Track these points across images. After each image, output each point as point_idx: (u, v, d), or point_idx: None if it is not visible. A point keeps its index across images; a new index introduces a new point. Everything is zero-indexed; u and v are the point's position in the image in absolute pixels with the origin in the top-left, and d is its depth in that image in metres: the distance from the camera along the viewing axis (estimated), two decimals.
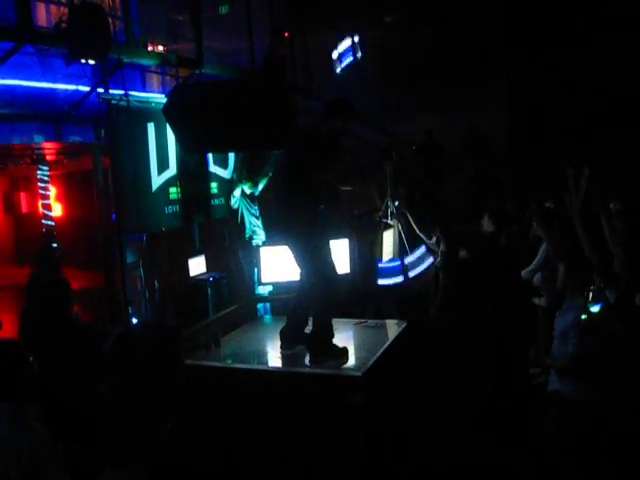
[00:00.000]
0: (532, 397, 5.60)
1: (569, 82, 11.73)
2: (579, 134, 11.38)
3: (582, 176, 5.37)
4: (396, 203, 7.84)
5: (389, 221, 7.84)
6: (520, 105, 12.79)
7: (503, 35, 12.69)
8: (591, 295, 4.87)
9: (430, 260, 7.49)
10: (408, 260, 7.49)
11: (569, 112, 11.66)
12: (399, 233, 7.87)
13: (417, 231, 7.79)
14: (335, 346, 5.26)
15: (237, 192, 7.74)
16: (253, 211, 7.80)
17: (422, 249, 7.54)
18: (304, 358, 5.30)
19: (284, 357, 5.46)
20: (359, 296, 6.96)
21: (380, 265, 7.42)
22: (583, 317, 4.79)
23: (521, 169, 11.92)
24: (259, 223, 7.83)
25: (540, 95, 12.06)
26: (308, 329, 5.54)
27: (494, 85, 12.95)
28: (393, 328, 6.13)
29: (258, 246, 7.29)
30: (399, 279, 7.35)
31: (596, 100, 11.45)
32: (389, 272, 7.41)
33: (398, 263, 7.46)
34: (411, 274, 7.41)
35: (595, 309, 4.80)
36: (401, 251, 8.13)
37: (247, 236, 7.73)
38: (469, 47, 12.44)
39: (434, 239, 7.72)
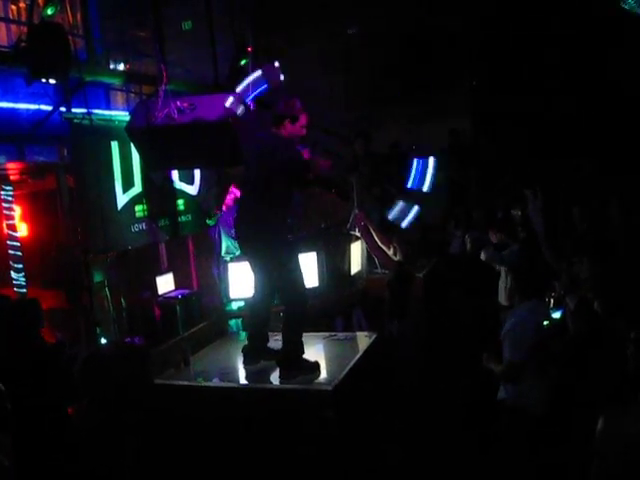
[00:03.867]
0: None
1: (531, 90, 11.88)
2: (542, 144, 11.53)
3: (537, 197, 5.47)
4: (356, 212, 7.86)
5: (357, 233, 7.86)
6: (484, 114, 12.92)
7: (467, 46, 12.81)
8: (552, 301, 4.96)
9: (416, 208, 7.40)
10: (392, 216, 7.41)
11: (532, 121, 11.80)
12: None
13: (378, 242, 7.82)
14: (306, 361, 5.26)
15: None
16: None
17: (400, 203, 7.43)
18: (275, 374, 5.29)
19: (254, 373, 5.45)
20: (328, 309, 6.96)
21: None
22: (545, 323, 4.87)
23: (486, 177, 12.04)
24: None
25: (504, 104, 12.18)
26: (272, 343, 5.56)
27: (458, 94, 13.06)
28: (363, 340, 6.14)
29: (226, 262, 7.26)
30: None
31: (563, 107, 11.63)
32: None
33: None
34: (404, 225, 7.33)
35: (556, 315, 4.89)
36: (369, 262, 8.17)
37: (224, 252, 7.70)
38: (434, 57, 12.53)
39: (392, 250, 7.76)
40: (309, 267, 6.65)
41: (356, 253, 7.84)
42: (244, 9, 10.59)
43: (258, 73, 5.75)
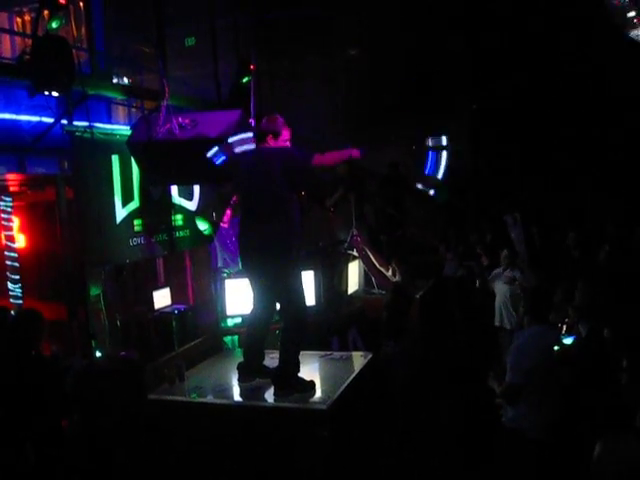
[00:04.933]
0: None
1: (532, 115, 11.97)
2: (541, 167, 11.60)
3: (517, 222, 5.51)
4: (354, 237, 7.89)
5: (354, 252, 7.88)
6: (484, 137, 12.98)
7: (469, 69, 12.90)
8: (565, 327, 4.95)
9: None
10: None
11: (531, 145, 11.88)
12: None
13: (377, 265, 7.85)
14: (302, 379, 5.25)
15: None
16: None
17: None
18: (269, 392, 5.28)
19: (249, 391, 5.43)
20: (325, 328, 6.95)
21: None
22: (556, 348, 4.86)
23: (484, 201, 12.09)
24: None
25: (504, 128, 12.27)
26: (267, 361, 5.55)
27: (458, 117, 13.13)
28: (359, 360, 6.13)
29: (223, 278, 7.26)
30: None
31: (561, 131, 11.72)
32: None
33: None
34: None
35: (568, 341, 4.87)
36: (365, 282, 8.18)
37: (220, 265, 7.71)
38: (434, 79, 12.61)
39: (390, 271, 7.78)
40: (307, 286, 6.64)
41: (353, 273, 7.85)
42: (247, 27, 10.68)
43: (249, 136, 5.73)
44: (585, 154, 11.44)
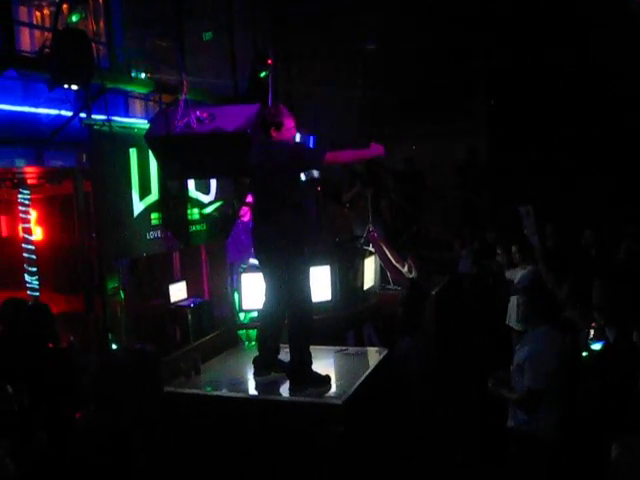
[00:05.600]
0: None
1: (552, 111, 11.89)
2: (559, 165, 11.53)
3: (530, 214, 5.45)
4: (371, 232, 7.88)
5: (370, 248, 7.87)
6: (501, 134, 12.91)
7: (487, 65, 12.82)
8: (592, 332, 4.86)
9: None
10: None
11: (550, 143, 11.81)
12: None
13: (393, 261, 7.83)
14: (317, 374, 5.26)
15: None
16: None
17: None
18: (285, 386, 5.29)
19: (264, 385, 5.45)
20: (340, 323, 6.96)
21: None
22: (584, 354, 4.79)
23: (501, 199, 12.02)
24: None
25: (522, 124, 12.19)
26: (282, 356, 5.56)
27: (476, 114, 13.09)
28: (374, 356, 6.14)
29: (239, 272, 7.27)
30: None
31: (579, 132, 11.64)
32: None
33: None
34: None
35: (597, 347, 4.78)
36: (381, 278, 8.16)
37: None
38: (452, 76, 12.55)
39: (406, 267, 7.76)
40: (322, 281, 6.65)
41: (369, 268, 7.84)
42: (264, 22, 10.67)
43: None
44: (607, 152, 11.35)
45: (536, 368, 4.74)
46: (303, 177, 5.39)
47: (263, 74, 8.58)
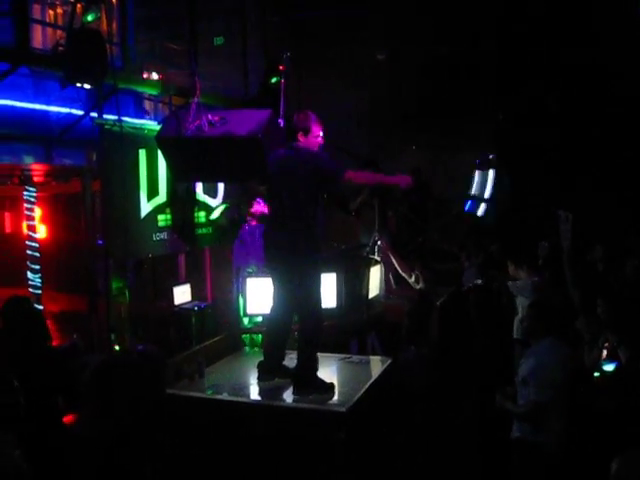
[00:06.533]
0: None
1: (557, 126, 11.89)
2: (564, 178, 11.52)
3: (568, 220, 5.44)
4: (378, 241, 7.87)
5: (376, 257, 7.86)
6: (507, 147, 12.91)
7: (494, 78, 12.84)
8: (605, 352, 4.83)
9: None
10: None
11: (556, 156, 11.80)
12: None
13: (399, 271, 7.82)
14: (322, 381, 5.24)
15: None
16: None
17: None
18: (288, 391, 5.27)
19: (268, 390, 5.42)
20: (344, 331, 6.94)
21: None
22: (596, 374, 4.77)
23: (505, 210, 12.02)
24: None
25: (528, 137, 12.19)
26: (287, 362, 5.54)
27: (481, 126, 13.08)
28: (378, 365, 6.11)
29: (245, 276, 7.25)
30: None
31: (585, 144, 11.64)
32: None
33: None
34: None
35: (609, 368, 4.74)
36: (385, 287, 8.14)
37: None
38: (458, 88, 12.56)
39: (414, 277, 7.75)
40: (328, 288, 6.63)
41: (375, 277, 7.82)
42: (276, 27, 10.71)
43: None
44: (617, 167, 11.33)
45: (541, 381, 4.75)
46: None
47: (274, 79, 8.59)
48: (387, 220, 9.58)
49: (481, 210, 7.39)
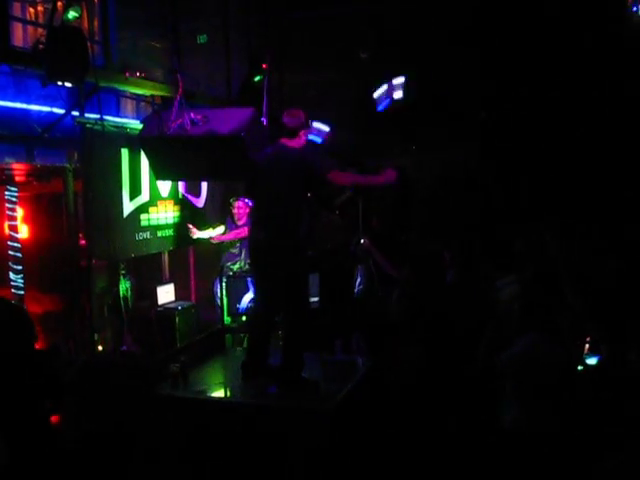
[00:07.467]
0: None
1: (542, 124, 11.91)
2: (551, 178, 11.54)
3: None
4: (361, 240, 7.85)
5: (360, 255, 7.84)
6: (492, 146, 12.92)
7: (478, 76, 12.84)
8: (587, 346, 4.87)
9: None
10: None
11: (541, 155, 11.82)
12: (369, 268, 7.87)
13: (384, 269, 7.80)
14: (305, 379, 5.24)
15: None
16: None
17: None
18: (272, 390, 5.26)
19: (252, 389, 5.41)
20: (328, 330, 6.92)
21: None
22: (580, 368, 4.79)
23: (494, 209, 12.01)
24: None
25: (513, 137, 12.21)
26: (271, 361, 5.52)
27: (467, 125, 13.09)
28: (362, 364, 6.10)
29: (228, 276, 7.24)
30: None
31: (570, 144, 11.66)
32: None
33: None
34: None
35: (592, 361, 4.79)
36: (372, 287, 8.13)
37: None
38: (444, 87, 12.56)
39: (399, 275, 7.73)
40: (311, 287, 6.61)
41: (359, 276, 7.82)
42: (259, 26, 10.66)
43: None
44: (603, 164, 11.34)
45: (520, 372, 4.76)
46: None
47: (257, 78, 8.56)
48: (371, 218, 9.57)
49: None
